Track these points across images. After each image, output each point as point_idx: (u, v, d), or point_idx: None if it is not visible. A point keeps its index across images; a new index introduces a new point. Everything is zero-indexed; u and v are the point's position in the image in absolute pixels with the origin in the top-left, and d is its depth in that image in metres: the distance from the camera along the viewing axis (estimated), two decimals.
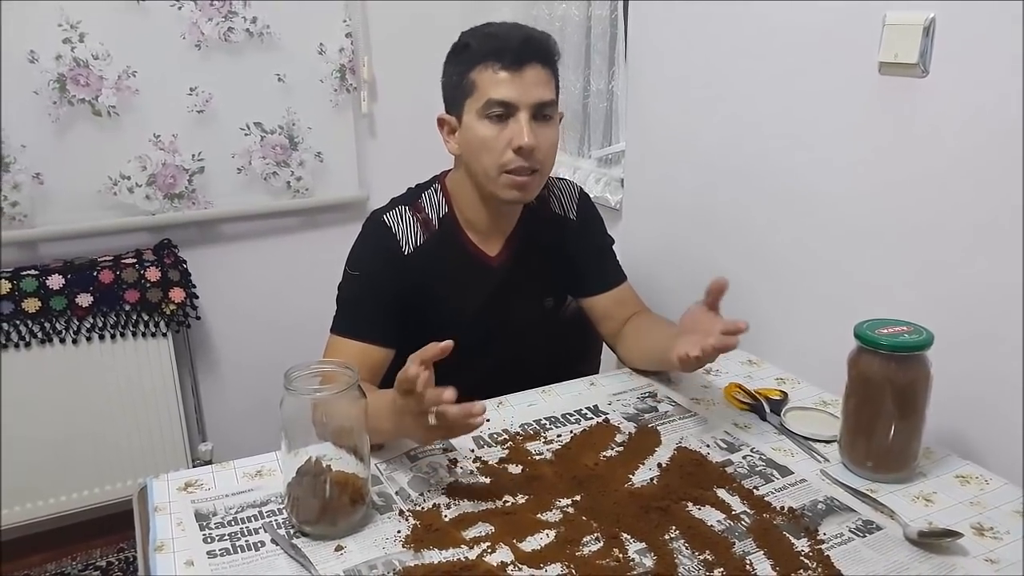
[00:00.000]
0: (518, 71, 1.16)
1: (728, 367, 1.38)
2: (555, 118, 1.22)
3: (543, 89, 1.18)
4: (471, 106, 1.19)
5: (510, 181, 1.19)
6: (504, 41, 1.17)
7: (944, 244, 1.15)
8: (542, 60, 1.18)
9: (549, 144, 1.20)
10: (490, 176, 1.20)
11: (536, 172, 1.20)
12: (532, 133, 1.16)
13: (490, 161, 1.19)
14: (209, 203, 2.13)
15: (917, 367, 0.99)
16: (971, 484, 1.02)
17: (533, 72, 1.17)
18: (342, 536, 0.92)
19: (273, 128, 2.16)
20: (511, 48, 1.16)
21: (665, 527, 0.93)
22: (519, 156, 1.17)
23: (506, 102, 1.16)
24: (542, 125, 1.19)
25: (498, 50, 1.16)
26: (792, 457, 1.10)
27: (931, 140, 1.15)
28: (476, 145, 1.20)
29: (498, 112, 1.17)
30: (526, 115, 1.16)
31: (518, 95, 1.16)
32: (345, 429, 0.93)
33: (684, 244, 1.71)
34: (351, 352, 1.20)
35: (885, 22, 1.18)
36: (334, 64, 2.18)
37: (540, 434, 1.16)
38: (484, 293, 1.32)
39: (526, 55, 1.16)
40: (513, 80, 1.16)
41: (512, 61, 1.15)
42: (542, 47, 1.19)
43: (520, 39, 1.17)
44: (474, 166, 1.22)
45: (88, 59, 1.91)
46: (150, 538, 0.92)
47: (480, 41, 1.19)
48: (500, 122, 1.17)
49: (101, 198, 2.01)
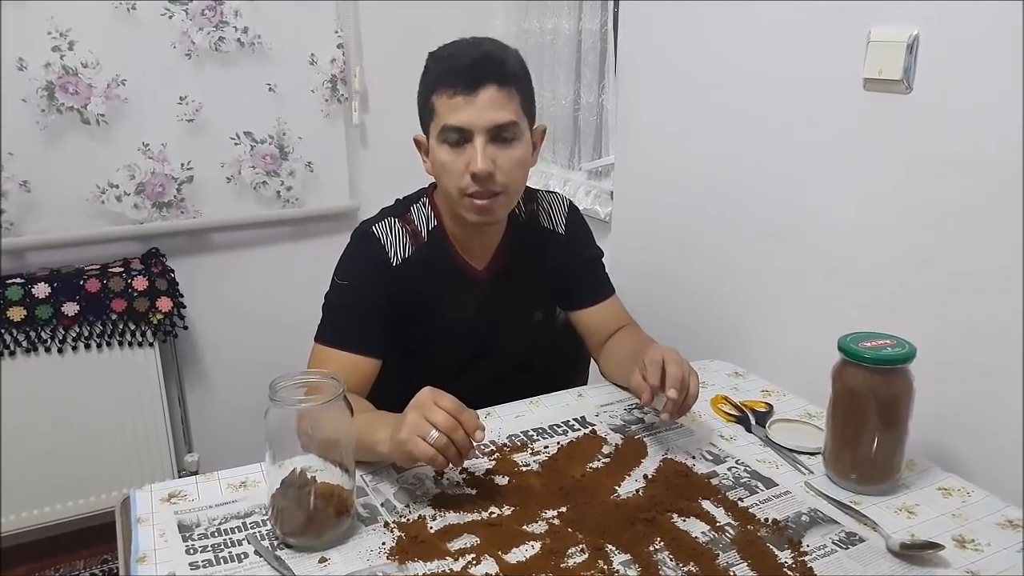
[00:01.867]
0: (471, 94, 1.12)
1: (714, 379, 1.38)
2: (521, 137, 1.18)
3: (500, 111, 1.14)
4: (433, 130, 1.18)
5: (471, 204, 1.18)
6: (457, 63, 1.14)
7: (927, 258, 1.17)
8: (498, 80, 1.14)
9: (511, 165, 1.17)
10: (454, 199, 1.20)
11: (499, 194, 1.18)
12: (487, 158, 1.14)
13: (451, 185, 1.18)
14: (198, 212, 2.13)
15: (900, 380, 1.00)
16: (953, 496, 1.03)
17: (488, 94, 1.13)
18: (326, 548, 0.92)
19: (263, 138, 2.16)
20: (462, 70, 1.13)
21: (650, 538, 0.93)
22: (475, 182, 1.15)
23: (460, 128, 1.14)
24: (502, 147, 1.16)
25: (450, 73, 1.14)
26: (777, 469, 1.10)
27: (915, 155, 1.17)
28: (439, 169, 1.19)
29: (455, 137, 1.15)
30: (481, 140, 1.14)
31: (471, 120, 1.13)
32: (331, 440, 0.93)
33: (672, 257, 1.72)
34: (337, 362, 1.20)
35: (869, 39, 1.20)
36: (325, 74, 2.19)
37: (527, 445, 1.16)
38: (472, 306, 1.32)
39: (480, 77, 1.13)
40: (467, 104, 1.13)
41: (465, 84, 1.12)
42: (497, 66, 1.15)
43: (472, 60, 1.14)
44: (441, 188, 1.23)
45: (78, 67, 1.90)
46: (132, 549, 0.91)
47: (436, 64, 1.18)
48: (458, 147, 1.15)
49: (89, 206, 2.00)
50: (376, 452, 1.03)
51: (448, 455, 0.95)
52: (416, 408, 0.96)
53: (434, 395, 0.97)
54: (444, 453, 0.94)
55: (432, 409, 0.95)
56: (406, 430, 0.95)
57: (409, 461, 1.00)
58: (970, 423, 1.13)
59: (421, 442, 0.94)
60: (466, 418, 0.96)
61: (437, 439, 0.93)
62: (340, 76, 2.21)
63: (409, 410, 0.97)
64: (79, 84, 1.92)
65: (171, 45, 2.00)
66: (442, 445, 0.94)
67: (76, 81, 1.91)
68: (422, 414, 0.95)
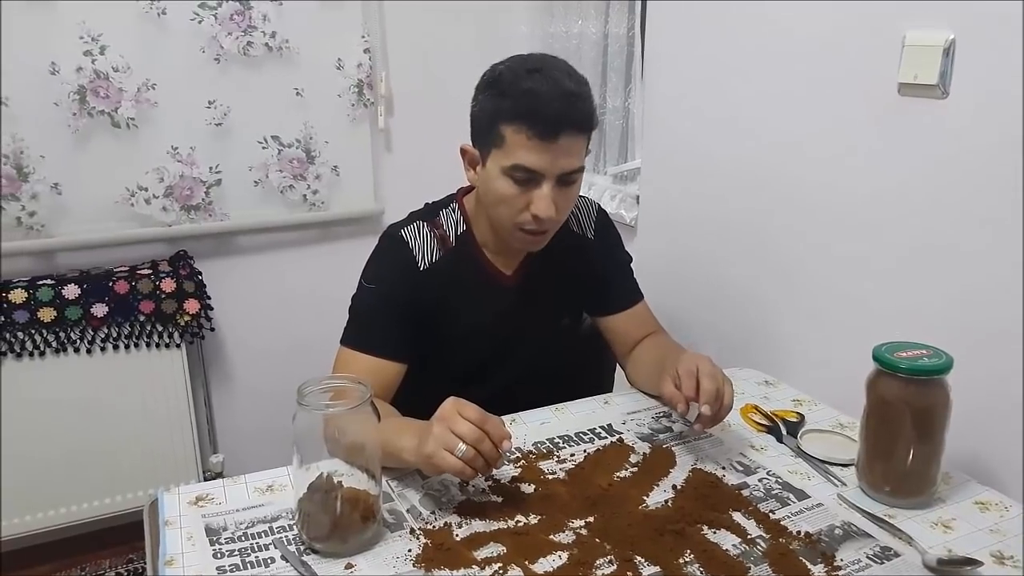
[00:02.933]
0: (552, 140, 1.09)
1: (745, 388, 1.36)
2: (580, 176, 1.17)
3: (573, 158, 1.12)
4: (496, 157, 1.14)
5: (523, 238, 1.19)
6: (542, 104, 1.08)
7: (964, 266, 1.14)
8: (578, 127, 1.11)
9: (567, 203, 1.18)
10: (504, 227, 1.19)
11: (550, 229, 1.19)
12: (553, 203, 1.13)
13: (506, 215, 1.17)
14: (225, 215, 2.15)
15: (936, 391, 0.98)
16: (991, 511, 1.00)
17: (567, 140, 1.10)
18: (352, 554, 0.91)
19: (290, 142, 2.17)
20: (548, 115, 1.08)
21: (680, 551, 0.92)
22: (535, 222, 1.15)
23: (533, 170, 1.11)
24: (564, 188, 1.15)
25: (534, 113, 1.08)
26: (809, 480, 1.08)
27: (951, 161, 1.14)
28: (495, 197, 1.16)
29: (523, 177, 1.13)
30: (550, 184, 1.12)
31: (547, 165, 1.10)
32: (357, 445, 0.93)
33: (699, 262, 1.71)
34: (363, 366, 1.19)
35: (904, 43, 1.17)
36: (352, 79, 2.20)
37: (553, 453, 1.15)
38: (499, 310, 1.31)
39: (562, 123, 1.09)
40: (545, 149, 1.09)
41: (547, 130, 1.08)
42: (580, 113, 1.11)
43: (559, 107, 1.08)
44: (491, 212, 1.21)
45: (108, 71, 1.93)
46: (160, 552, 0.91)
47: (517, 97, 1.10)
48: (523, 184, 1.13)
49: (118, 209, 2.02)
50: (402, 459, 1.02)
51: (476, 466, 0.94)
52: (441, 420, 0.96)
53: (458, 406, 0.96)
54: (472, 465, 0.94)
55: (457, 421, 0.94)
56: (432, 443, 0.94)
57: (436, 473, 0.99)
58: (1008, 436, 1.10)
59: (448, 455, 0.93)
60: (491, 427, 0.95)
61: (465, 452, 0.93)
62: (366, 81, 2.21)
63: (434, 422, 0.96)
64: (110, 88, 1.94)
65: (200, 50, 2.02)
66: (470, 457, 0.93)
67: (107, 85, 1.93)
68: (447, 426, 0.94)
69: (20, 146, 1.88)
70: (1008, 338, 1.09)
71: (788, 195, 1.44)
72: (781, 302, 1.49)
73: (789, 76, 1.40)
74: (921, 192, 1.19)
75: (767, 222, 1.50)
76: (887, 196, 1.24)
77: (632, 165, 1.95)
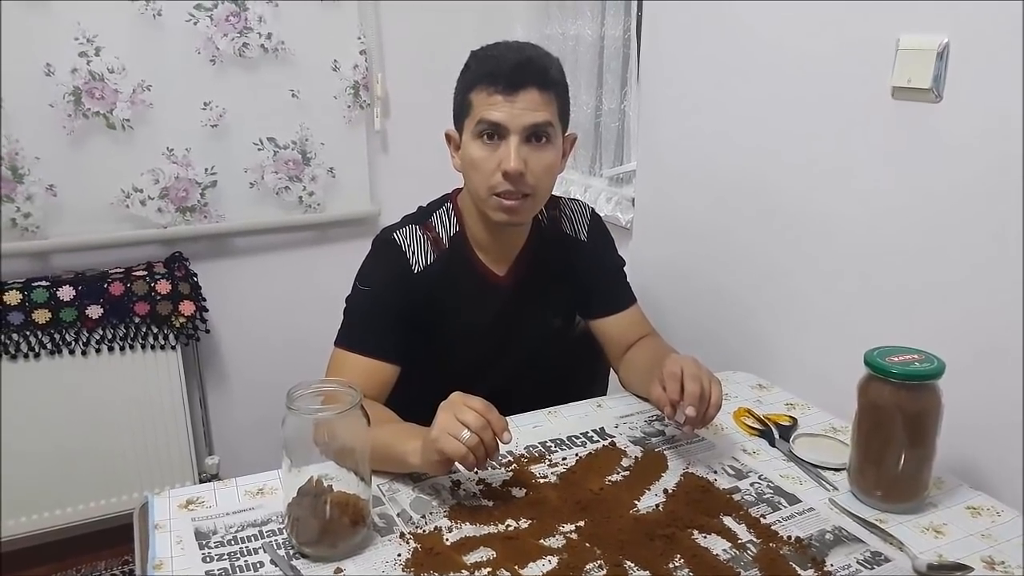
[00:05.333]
0: (512, 94, 1.14)
1: (737, 391, 1.36)
2: (553, 140, 1.19)
3: (537, 112, 1.16)
4: (468, 125, 1.19)
5: (498, 204, 1.19)
6: (500, 63, 1.16)
7: (957, 271, 1.14)
8: (539, 83, 1.16)
9: (542, 168, 1.18)
10: (481, 197, 1.20)
11: (528, 196, 1.19)
12: (520, 158, 1.15)
13: (481, 182, 1.19)
14: (221, 217, 2.14)
15: (928, 396, 0.98)
16: (982, 516, 1.00)
17: (528, 95, 1.15)
18: (342, 558, 0.91)
19: (286, 143, 2.17)
20: (506, 71, 1.15)
21: (670, 555, 0.92)
22: (507, 180, 1.16)
23: (497, 123, 1.15)
24: (536, 148, 1.17)
25: (493, 72, 1.16)
26: (801, 485, 1.08)
27: (945, 165, 1.14)
28: (469, 165, 1.20)
29: (489, 132, 1.16)
30: (516, 139, 1.15)
31: (509, 118, 1.15)
32: (347, 449, 0.93)
33: (694, 265, 1.70)
34: (359, 367, 1.20)
35: (899, 47, 1.17)
36: (348, 81, 2.20)
37: (545, 456, 1.15)
38: (492, 312, 1.31)
39: (521, 78, 1.15)
40: (505, 103, 1.14)
41: (506, 84, 1.14)
42: (540, 69, 1.17)
43: (517, 62, 1.16)
44: (469, 185, 1.23)
45: (104, 72, 1.92)
46: (149, 556, 0.91)
47: (479, 62, 1.20)
48: (492, 144, 1.17)
49: (113, 210, 2.02)
50: (406, 463, 1.04)
51: (478, 455, 0.96)
52: (447, 408, 0.98)
53: (463, 397, 0.99)
54: (474, 452, 0.96)
55: (463, 409, 0.97)
56: (437, 429, 0.97)
57: (439, 464, 0.99)
58: (1000, 441, 1.10)
59: (452, 440, 0.95)
60: (494, 418, 0.98)
61: (468, 438, 0.95)
62: (362, 82, 2.21)
63: (441, 410, 0.99)
64: (105, 89, 1.93)
65: (196, 51, 2.01)
66: (473, 444, 0.95)
67: (102, 86, 1.93)
68: (453, 413, 0.97)
69: (15, 147, 1.88)
70: (1001, 342, 1.09)
71: (782, 198, 1.44)
72: (775, 306, 1.49)
73: (783, 79, 1.40)
74: (914, 196, 1.19)
75: (761, 225, 1.50)
76: (880, 199, 1.24)
77: (627, 168, 1.95)
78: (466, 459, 0.96)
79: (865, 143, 1.26)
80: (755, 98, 1.47)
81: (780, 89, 1.41)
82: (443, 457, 0.97)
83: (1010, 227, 1.06)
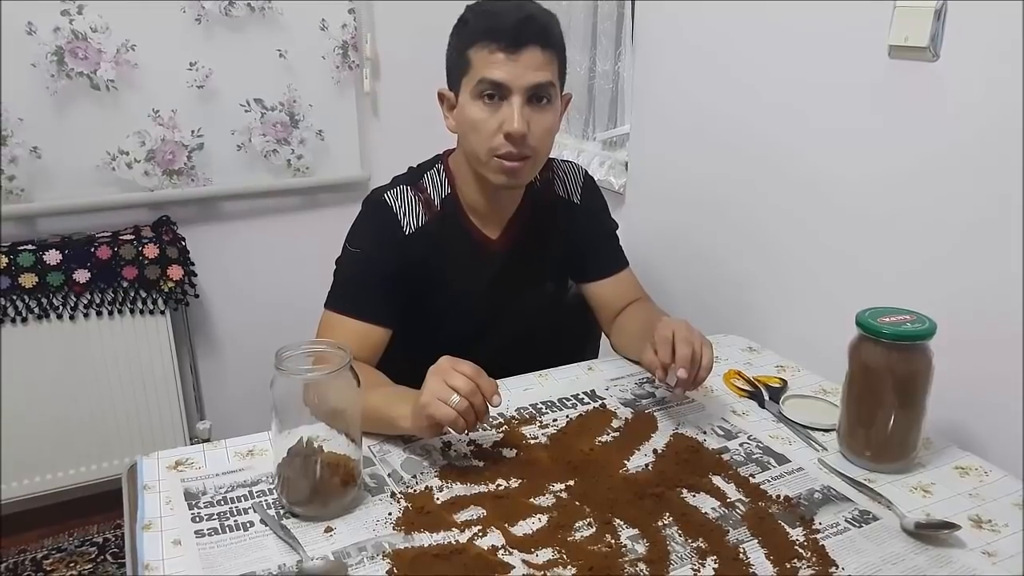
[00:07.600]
0: (514, 52, 1.11)
1: (728, 353, 1.36)
2: (554, 102, 1.17)
3: (540, 72, 1.12)
4: (466, 84, 1.15)
5: (499, 166, 1.16)
6: (502, 20, 1.12)
7: (950, 233, 1.13)
8: (541, 42, 1.13)
9: (543, 129, 1.16)
10: (480, 159, 1.17)
11: (528, 158, 1.16)
12: (523, 119, 1.12)
13: (480, 144, 1.16)
14: (208, 180, 2.12)
15: (919, 357, 0.98)
16: (970, 476, 1.01)
17: (530, 54, 1.11)
18: (332, 517, 0.91)
19: (274, 105, 2.14)
20: (508, 28, 1.11)
21: (659, 514, 0.92)
22: (509, 142, 1.13)
23: (499, 83, 1.11)
24: (537, 109, 1.14)
25: (495, 29, 1.11)
26: (790, 445, 1.08)
27: (940, 126, 1.13)
28: (468, 126, 1.17)
29: (490, 92, 1.13)
30: (519, 99, 1.12)
31: (512, 77, 1.11)
32: (337, 410, 0.92)
33: (687, 229, 1.70)
34: (347, 329, 1.19)
35: (896, 5, 1.15)
36: (336, 40, 2.16)
37: (536, 418, 1.15)
38: (485, 276, 1.30)
39: (524, 36, 1.11)
40: (508, 61, 1.11)
41: (509, 42, 1.10)
42: (542, 28, 1.14)
43: (518, 19, 1.12)
44: (467, 146, 1.20)
45: (87, 32, 1.88)
46: (138, 516, 0.91)
47: (478, 18, 1.15)
48: (493, 104, 1.13)
49: (99, 173, 1.99)
50: (397, 427, 1.03)
51: (468, 418, 0.96)
52: (437, 373, 0.97)
53: (453, 361, 0.98)
54: (464, 416, 0.95)
55: (452, 374, 0.96)
56: (427, 394, 0.96)
57: (429, 428, 0.99)
58: (989, 402, 1.10)
59: (442, 405, 0.94)
60: (484, 383, 0.97)
61: (458, 403, 0.94)
62: (351, 42, 2.17)
63: (430, 375, 0.98)
64: (88, 49, 1.89)
65: (181, 10, 1.97)
66: (463, 409, 0.95)
67: (85, 46, 1.89)
68: (443, 378, 0.96)
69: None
70: (992, 304, 1.09)
71: (776, 159, 1.43)
72: (767, 269, 1.48)
73: (780, 40, 1.38)
74: (910, 155, 1.18)
75: (754, 187, 1.49)
76: (875, 159, 1.23)
77: (621, 131, 1.93)
78: (456, 424, 0.96)
79: (861, 102, 1.24)
80: (750, 59, 1.46)
81: (776, 50, 1.39)
82: (432, 422, 0.96)
83: (1004, 187, 1.05)
